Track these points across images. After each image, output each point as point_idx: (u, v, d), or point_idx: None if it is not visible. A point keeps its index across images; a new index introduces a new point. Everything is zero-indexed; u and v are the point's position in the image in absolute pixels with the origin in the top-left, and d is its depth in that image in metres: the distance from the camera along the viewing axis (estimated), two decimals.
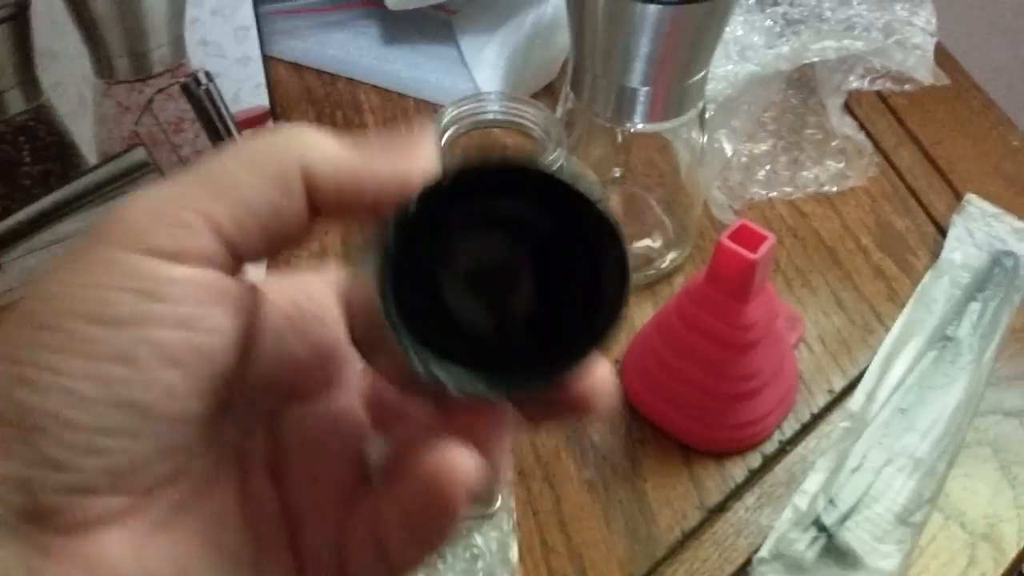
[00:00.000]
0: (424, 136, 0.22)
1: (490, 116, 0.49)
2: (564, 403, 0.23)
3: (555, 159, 0.47)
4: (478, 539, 0.47)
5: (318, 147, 0.22)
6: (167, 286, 0.20)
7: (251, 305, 0.23)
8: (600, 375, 0.22)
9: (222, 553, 0.22)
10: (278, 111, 0.70)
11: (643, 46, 0.49)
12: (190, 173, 0.21)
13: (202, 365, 0.21)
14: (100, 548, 0.21)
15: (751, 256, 0.46)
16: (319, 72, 0.74)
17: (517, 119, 0.49)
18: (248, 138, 0.22)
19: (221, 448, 0.23)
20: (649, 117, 0.53)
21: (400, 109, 0.72)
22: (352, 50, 0.74)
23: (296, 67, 0.74)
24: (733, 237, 0.47)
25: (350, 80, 0.74)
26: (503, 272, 0.22)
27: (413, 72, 0.72)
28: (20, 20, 0.45)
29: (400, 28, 0.75)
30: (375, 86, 0.73)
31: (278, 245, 0.22)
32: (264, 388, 0.24)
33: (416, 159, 0.22)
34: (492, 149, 0.61)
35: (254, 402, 0.24)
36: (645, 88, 0.51)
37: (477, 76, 0.70)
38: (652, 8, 0.47)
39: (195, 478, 0.23)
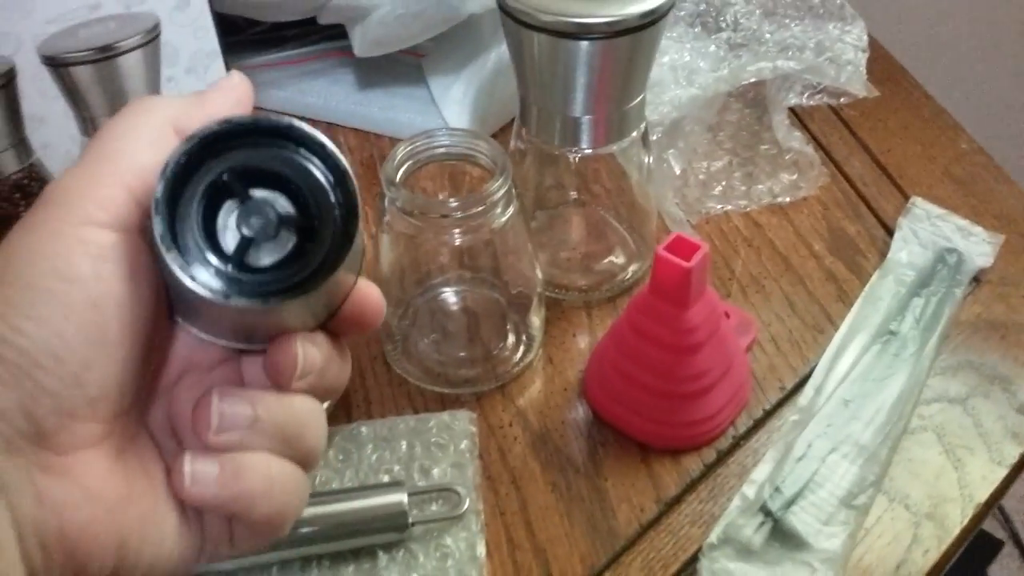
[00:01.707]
0: (231, 83, 0.30)
1: (442, 150, 0.54)
2: (343, 319, 0.30)
3: (502, 185, 0.51)
4: (448, 540, 0.50)
5: (174, 105, 0.28)
6: (111, 249, 0.26)
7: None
8: (366, 293, 0.30)
9: (154, 485, 0.28)
10: None
11: (580, 78, 0.53)
12: (93, 155, 0.27)
13: (142, 311, 0.27)
14: (84, 466, 0.26)
15: (686, 264, 0.49)
16: (301, 119, 0.78)
17: (466, 151, 0.53)
18: (114, 119, 0.28)
19: (142, 400, 0.29)
20: (594, 143, 0.57)
21: (376, 148, 0.76)
22: (329, 96, 0.78)
23: None
24: (669, 248, 0.50)
25: (329, 124, 0.79)
26: (265, 211, 0.26)
27: (387, 113, 0.77)
28: (9, 89, 0.50)
29: (374, 73, 0.79)
30: (353, 128, 0.78)
31: None
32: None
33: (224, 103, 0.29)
34: (449, 175, 0.66)
35: (159, 372, 0.30)
36: (587, 116, 0.55)
37: (446, 113, 0.75)
38: (584, 44, 0.51)
39: (134, 419, 0.28)
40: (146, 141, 0.27)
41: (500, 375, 0.59)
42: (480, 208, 0.51)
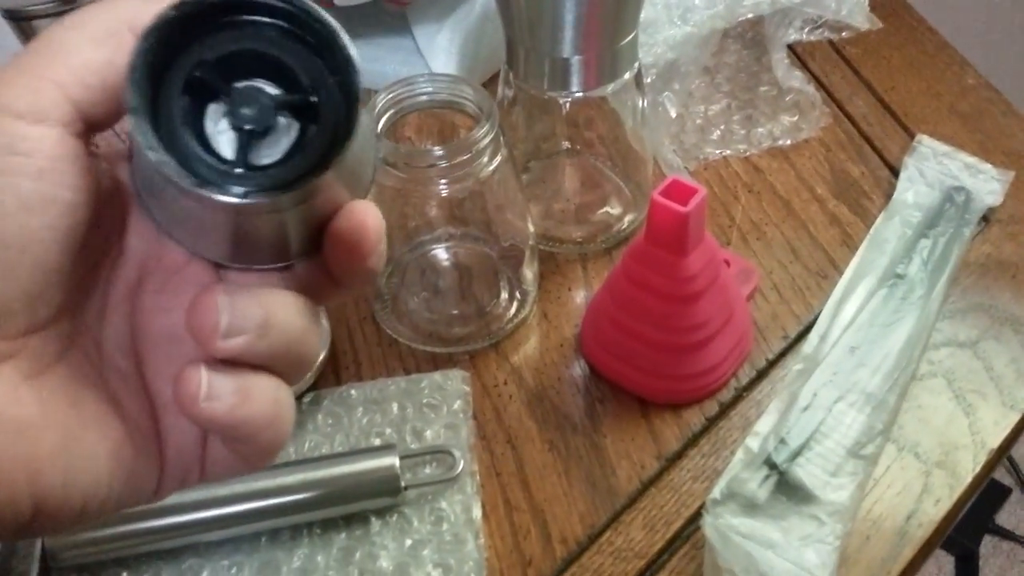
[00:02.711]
0: None
1: (424, 98, 0.51)
2: (332, 244, 0.25)
3: (488, 132, 0.49)
4: (443, 503, 0.49)
5: (135, 3, 0.25)
6: (23, 141, 0.23)
7: (102, 174, 0.25)
8: (360, 212, 0.25)
9: (80, 411, 0.25)
10: None
11: (568, 15, 0.51)
12: (37, 44, 0.24)
13: (59, 215, 0.23)
14: None
15: (682, 209, 0.47)
16: None
17: (450, 97, 0.51)
18: (71, 14, 0.25)
19: (81, 318, 0.26)
20: (585, 85, 0.54)
21: (362, 100, 0.74)
22: None
23: None
24: (665, 193, 0.48)
25: None
26: (261, 104, 0.23)
27: (372, 65, 0.74)
28: None
29: (357, 22, 0.76)
30: None
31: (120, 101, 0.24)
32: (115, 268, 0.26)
33: None
34: (438, 128, 0.63)
35: (110, 283, 0.26)
36: (576, 57, 0.53)
37: (432, 63, 0.72)
38: None
39: (56, 337, 0.25)
40: (88, 36, 0.24)
41: (493, 332, 0.57)
42: (466, 156, 0.49)
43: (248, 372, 0.25)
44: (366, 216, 0.25)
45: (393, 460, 0.48)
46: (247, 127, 0.23)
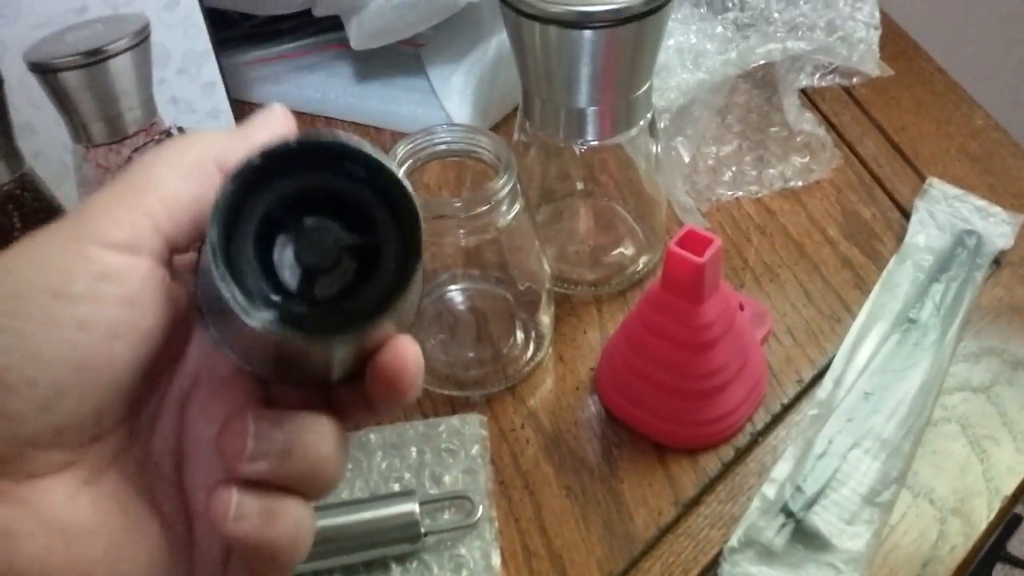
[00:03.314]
0: (273, 115, 0.28)
1: (443, 147, 0.52)
2: (373, 377, 0.26)
3: (507, 183, 0.49)
4: (462, 549, 0.49)
5: (216, 140, 0.27)
6: (117, 271, 0.24)
7: (179, 296, 0.27)
8: (403, 350, 0.26)
9: (128, 515, 0.26)
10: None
11: (584, 68, 0.51)
12: (131, 175, 0.26)
13: (140, 340, 0.25)
14: (43, 496, 0.24)
15: (698, 260, 0.48)
16: (299, 114, 0.77)
17: (469, 147, 0.52)
18: (163, 146, 0.27)
19: (136, 424, 0.27)
20: (600, 134, 0.55)
21: (378, 143, 0.75)
22: (327, 90, 0.77)
23: None
24: (681, 243, 0.49)
25: (329, 119, 0.77)
26: (326, 245, 0.24)
27: (387, 106, 0.75)
28: None
29: (372, 65, 0.78)
30: (352, 122, 0.76)
31: (202, 233, 0.25)
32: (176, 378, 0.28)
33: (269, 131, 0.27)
34: (455, 176, 0.64)
35: (166, 390, 0.28)
36: (592, 107, 0.54)
37: (447, 104, 0.73)
38: (587, 33, 0.49)
39: (114, 443, 0.26)
40: (179, 172, 0.26)
41: (510, 375, 0.57)
42: (485, 207, 0.49)
43: (274, 494, 0.26)
44: (407, 354, 0.26)
45: (413, 507, 0.48)
46: (313, 264, 0.24)
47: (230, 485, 0.25)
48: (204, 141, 0.27)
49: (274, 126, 0.28)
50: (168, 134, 0.57)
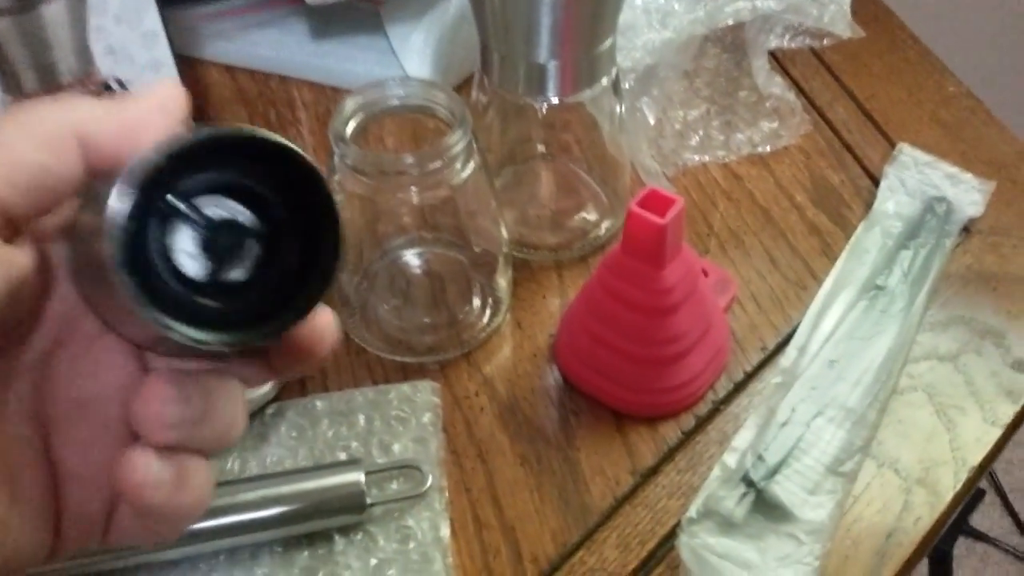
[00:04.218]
0: (159, 94, 0.25)
1: (396, 102, 0.50)
2: (289, 351, 0.26)
3: (461, 138, 0.47)
4: (410, 520, 0.47)
5: (83, 109, 0.24)
6: None
7: (19, 266, 0.24)
8: (321, 323, 0.25)
9: None
10: (209, 113, 0.71)
11: (544, 18, 0.49)
12: None
13: None
14: None
15: (660, 221, 0.46)
16: (251, 72, 0.74)
17: (422, 102, 0.49)
18: (24, 107, 0.24)
19: None
20: (561, 91, 0.53)
21: (334, 103, 0.72)
22: (282, 48, 0.74)
23: (228, 69, 0.74)
24: (642, 203, 0.47)
25: (283, 78, 0.74)
26: (233, 236, 0.23)
27: (344, 64, 0.72)
28: None
29: (330, 22, 0.75)
30: (308, 81, 0.73)
31: (50, 203, 0.24)
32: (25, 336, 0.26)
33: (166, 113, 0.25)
34: (409, 133, 0.62)
35: (20, 350, 0.26)
36: (553, 62, 0.51)
37: (406, 64, 0.70)
38: None
39: None
40: (32, 136, 0.24)
41: (465, 341, 0.55)
42: (438, 163, 0.47)
43: (184, 457, 0.25)
44: (324, 332, 0.26)
45: (358, 476, 0.46)
46: (219, 254, 0.23)
47: (146, 451, 0.24)
48: (69, 109, 0.24)
49: (154, 104, 0.25)
50: (107, 87, 0.54)
